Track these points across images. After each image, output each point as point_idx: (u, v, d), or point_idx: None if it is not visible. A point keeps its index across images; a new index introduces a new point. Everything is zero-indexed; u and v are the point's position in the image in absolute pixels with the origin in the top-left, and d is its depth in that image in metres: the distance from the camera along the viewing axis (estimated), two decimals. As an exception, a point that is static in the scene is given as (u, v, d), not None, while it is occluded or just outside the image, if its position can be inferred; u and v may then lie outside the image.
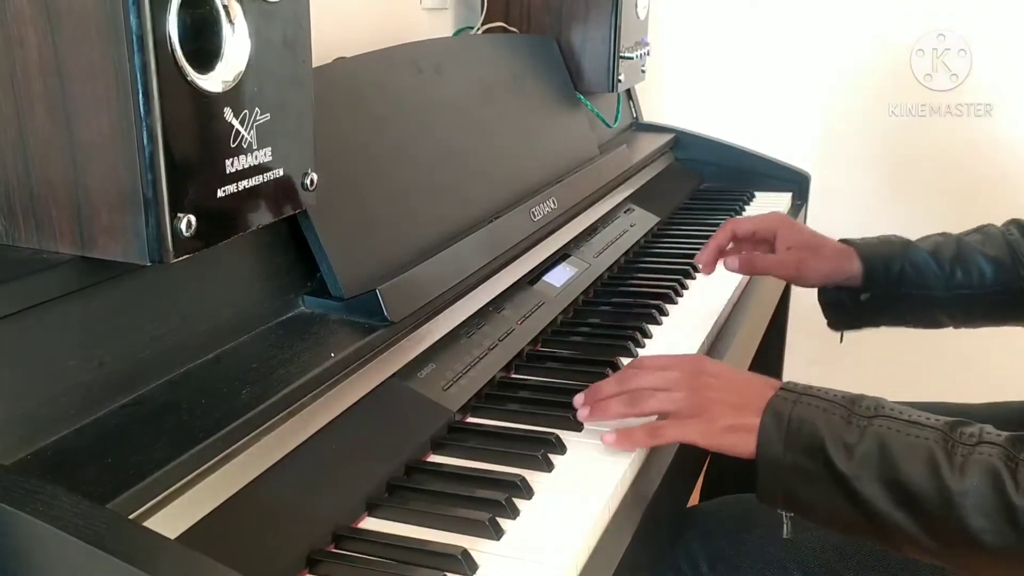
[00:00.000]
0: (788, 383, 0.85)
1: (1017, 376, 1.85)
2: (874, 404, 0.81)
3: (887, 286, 1.18)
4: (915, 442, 0.77)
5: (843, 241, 1.22)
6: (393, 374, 0.90)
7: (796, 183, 1.85)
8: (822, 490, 0.79)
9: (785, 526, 0.86)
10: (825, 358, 1.30)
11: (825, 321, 1.27)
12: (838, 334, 1.27)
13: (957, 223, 1.35)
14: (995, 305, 1.17)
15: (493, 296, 1.11)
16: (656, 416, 0.89)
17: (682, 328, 1.19)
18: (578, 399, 0.92)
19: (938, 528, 0.75)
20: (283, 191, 0.74)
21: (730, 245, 1.27)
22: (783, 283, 1.65)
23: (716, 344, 1.18)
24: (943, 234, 1.21)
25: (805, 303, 1.45)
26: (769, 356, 1.79)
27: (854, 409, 0.80)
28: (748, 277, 1.35)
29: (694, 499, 1.40)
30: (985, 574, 0.80)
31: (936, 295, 1.17)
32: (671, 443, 0.89)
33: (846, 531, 0.83)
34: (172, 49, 0.61)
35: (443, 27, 1.65)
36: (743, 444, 0.82)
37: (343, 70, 1.06)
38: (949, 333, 1.25)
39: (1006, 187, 2.04)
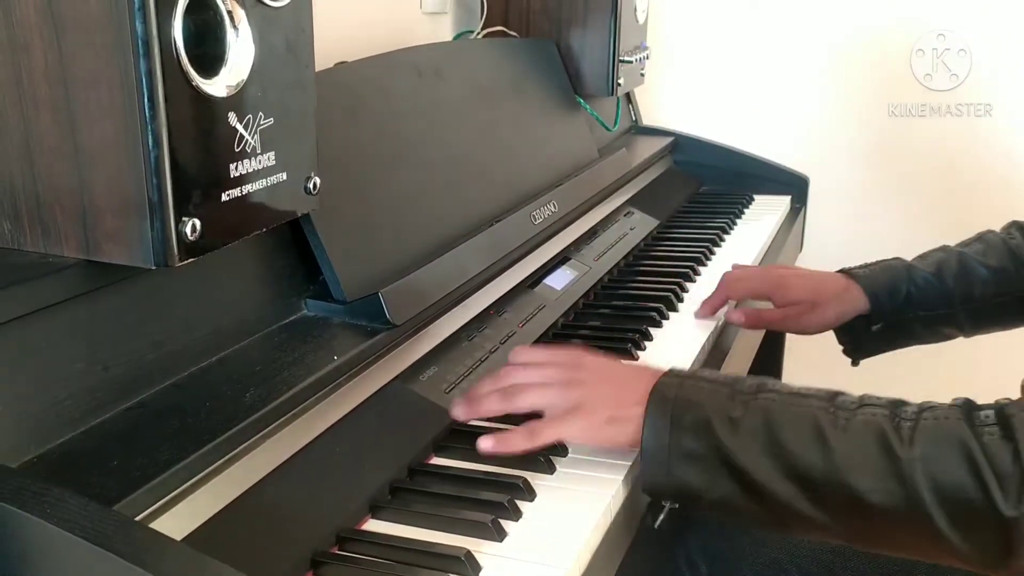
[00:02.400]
0: (672, 369, 0.84)
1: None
2: (757, 382, 0.80)
3: (894, 314, 1.18)
4: (799, 411, 0.76)
5: (843, 272, 1.22)
6: (395, 377, 0.91)
7: (795, 186, 1.86)
8: (709, 471, 0.77)
9: (661, 516, 0.83)
10: (825, 360, 1.30)
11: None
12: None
13: (957, 223, 1.35)
14: (1002, 313, 1.18)
15: (494, 299, 1.11)
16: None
17: (683, 331, 1.19)
18: (456, 402, 0.90)
19: (826, 497, 0.74)
20: (286, 195, 0.74)
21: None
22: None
23: (716, 347, 1.19)
24: (943, 249, 1.21)
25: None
26: (769, 359, 1.79)
27: (737, 387, 0.79)
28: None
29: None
30: (877, 543, 0.79)
31: (943, 313, 1.18)
32: (550, 443, 0.84)
33: (735, 515, 0.80)
34: (177, 54, 0.62)
35: (443, 31, 1.65)
36: (624, 434, 0.81)
37: (344, 74, 1.07)
38: (961, 367, 1.24)
39: (1006, 187, 2.04)
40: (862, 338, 1.21)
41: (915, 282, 1.17)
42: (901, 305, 1.17)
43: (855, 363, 1.26)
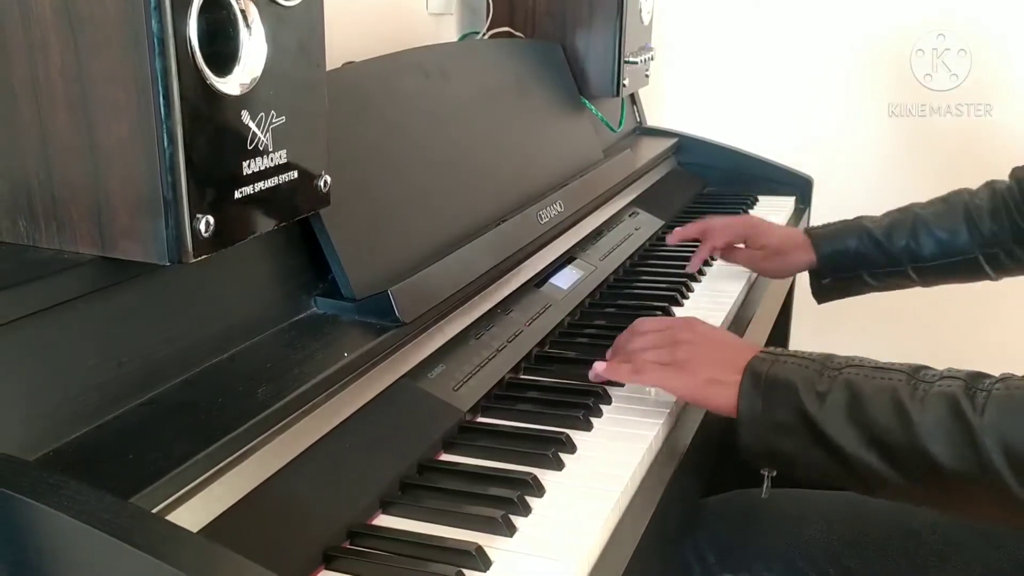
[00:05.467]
0: (767, 348, 0.90)
1: None
2: (846, 358, 0.85)
3: (842, 270, 1.35)
4: (881, 383, 0.80)
5: (806, 231, 1.39)
6: (404, 374, 0.91)
7: (799, 187, 1.87)
8: (798, 440, 0.82)
9: (765, 485, 0.91)
10: (829, 328, 1.36)
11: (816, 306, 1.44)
12: (838, 337, 1.42)
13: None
14: (952, 271, 1.31)
15: (501, 298, 1.12)
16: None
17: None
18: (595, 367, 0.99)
19: (904, 462, 0.78)
20: (298, 193, 0.75)
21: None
22: (787, 287, 1.68)
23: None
24: (903, 210, 1.35)
25: (809, 307, 1.47)
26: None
27: (827, 363, 0.84)
28: (752, 283, 1.41)
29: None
30: (955, 507, 0.83)
31: (892, 270, 1.33)
32: (651, 385, 0.94)
33: (824, 479, 0.85)
34: (192, 53, 0.62)
35: (448, 32, 1.66)
36: (723, 398, 0.87)
37: (353, 74, 1.07)
38: (960, 331, 1.30)
39: (1006, 188, 2.05)
40: (819, 286, 1.39)
41: (864, 243, 1.32)
42: (850, 263, 1.34)
43: (819, 302, 1.42)
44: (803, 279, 1.75)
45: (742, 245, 1.42)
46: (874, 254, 1.32)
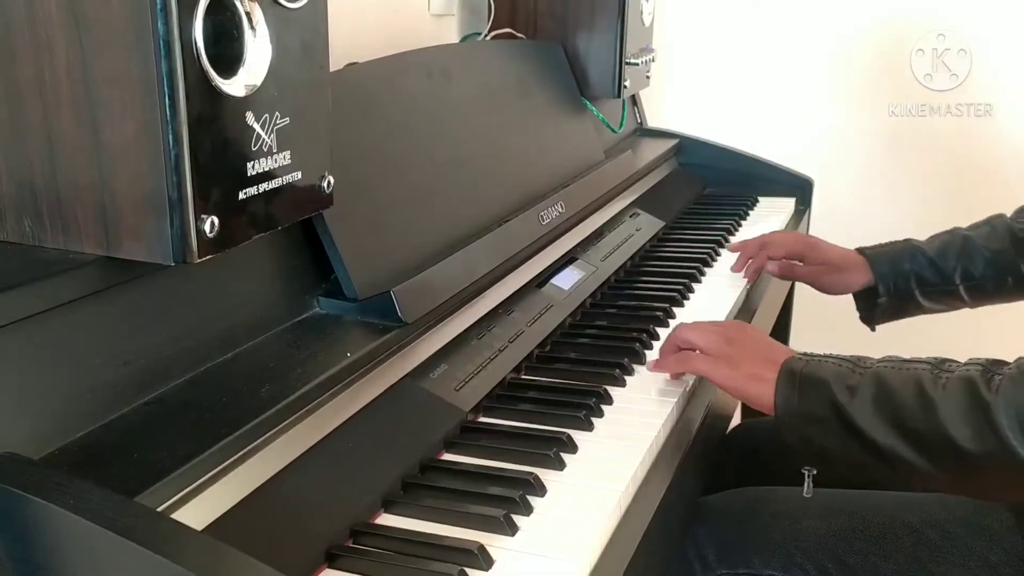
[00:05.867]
0: (803, 352, 0.95)
1: None
2: (878, 357, 0.90)
3: (898, 289, 1.36)
4: (906, 375, 0.84)
5: (859, 251, 1.40)
6: (406, 374, 0.92)
7: (799, 188, 1.87)
8: (832, 432, 0.86)
9: (806, 484, 0.95)
10: (829, 334, 1.37)
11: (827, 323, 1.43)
12: (838, 336, 1.40)
13: (957, 222, 1.38)
14: (1001, 289, 1.32)
15: (503, 298, 1.12)
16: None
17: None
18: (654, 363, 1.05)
19: (931, 449, 0.81)
20: (301, 194, 0.75)
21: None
22: (786, 289, 1.68)
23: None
24: (951, 232, 1.37)
25: (809, 307, 1.48)
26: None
27: (859, 362, 0.89)
28: (750, 284, 1.41)
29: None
30: (983, 491, 0.86)
31: (945, 289, 1.34)
32: (697, 374, 1.00)
33: (860, 471, 0.88)
34: (197, 54, 0.63)
35: (450, 33, 1.66)
36: (764, 393, 0.91)
37: (356, 75, 1.08)
38: (961, 339, 1.31)
39: (1006, 187, 2.05)
40: (873, 307, 1.39)
41: (919, 262, 1.34)
42: (905, 282, 1.35)
43: (872, 328, 1.44)
44: (804, 305, 1.76)
45: (797, 262, 1.44)
46: (928, 273, 1.34)
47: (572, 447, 0.88)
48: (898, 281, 1.35)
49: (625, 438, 0.91)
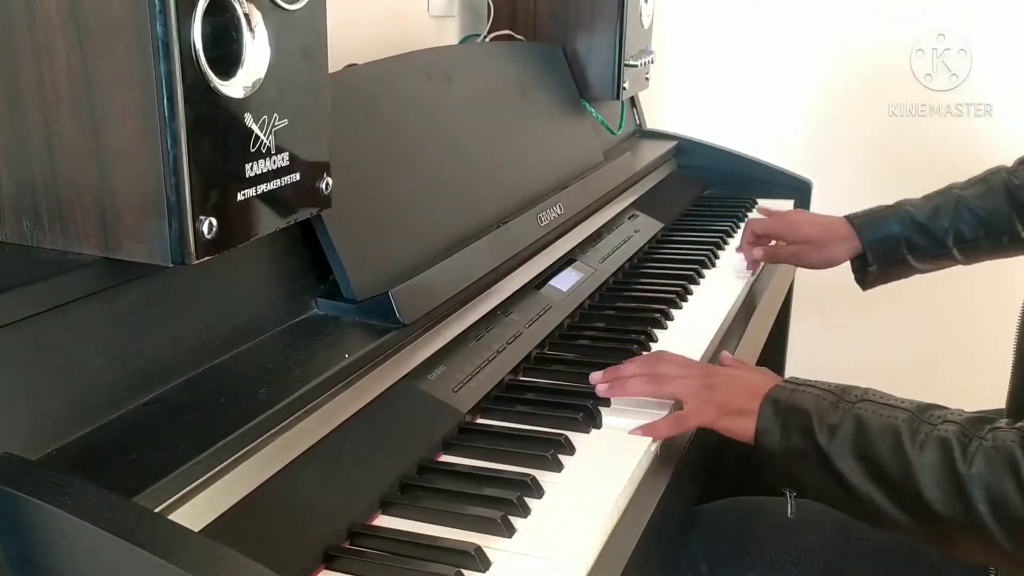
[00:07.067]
0: (790, 378, 0.92)
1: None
2: (862, 392, 0.88)
3: (889, 255, 1.35)
4: (887, 421, 0.83)
5: (847, 218, 1.37)
6: (405, 376, 0.92)
7: (798, 190, 1.87)
8: (811, 468, 0.86)
9: (789, 505, 0.94)
10: (825, 364, 1.34)
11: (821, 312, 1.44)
12: (837, 336, 1.44)
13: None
14: (995, 248, 1.31)
15: (501, 300, 1.12)
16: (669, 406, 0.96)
17: (686, 332, 1.20)
18: (595, 376, 0.99)
19: (903, 500, 0.81)
20: (300, 195, 0.75)
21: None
22: (785, 289, 1.68)
23: (720, 348, 1.20)
24: (944, 192, 1.35)
25: (809, 307, 1.48)
26: (771, 361, 1.80)
27: (843, 396, 0.87)
28: (749, 286, 1.42)
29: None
30: (948, 546, 0.85)
31: (937, 252, 1.33)
32: (693, 429, 0.95)
33: (836, 506, 0.88)
34: (196, 56, 0.63)
35: (449, 34, 1.66)
36: (744, 427, 0.90)
37: (355, 77, 1.08)
38: (952, 343, 1.30)
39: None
40: (865, 273, 1.38)
41: (908, 226, 1.32)
42: (895, 247, 1.34)
43: (864, 289, 1.41)
44: (803, 282, 1.77)
45: (775, 242, 1.43)
46: (918, 238, 1.32)
47: (570, 449, 0.88)
48: (887, 248, 1.34)
49: (623, 440, 0.91)
